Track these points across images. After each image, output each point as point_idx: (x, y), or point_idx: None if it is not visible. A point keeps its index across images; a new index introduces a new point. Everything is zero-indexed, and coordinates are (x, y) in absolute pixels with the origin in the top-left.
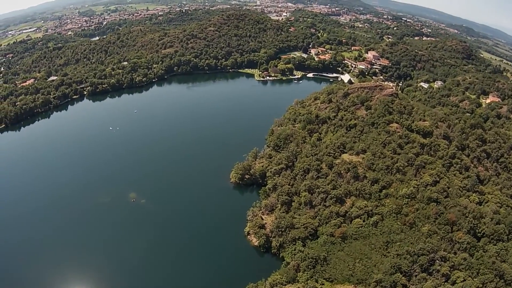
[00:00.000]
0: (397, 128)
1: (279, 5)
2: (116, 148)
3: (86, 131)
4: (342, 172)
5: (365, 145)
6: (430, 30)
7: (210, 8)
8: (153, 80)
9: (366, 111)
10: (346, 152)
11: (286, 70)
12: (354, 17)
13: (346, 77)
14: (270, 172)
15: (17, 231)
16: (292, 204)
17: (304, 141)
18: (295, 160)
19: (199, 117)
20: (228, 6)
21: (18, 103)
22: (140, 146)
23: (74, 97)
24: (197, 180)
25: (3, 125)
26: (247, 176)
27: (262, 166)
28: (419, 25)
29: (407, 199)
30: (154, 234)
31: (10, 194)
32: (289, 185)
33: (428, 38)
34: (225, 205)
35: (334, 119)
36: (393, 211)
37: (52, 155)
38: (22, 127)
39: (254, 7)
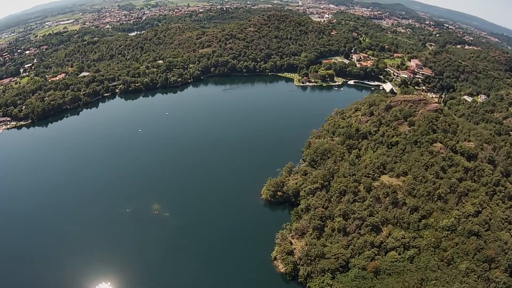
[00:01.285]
0: (441, 148)
1: (321, 6)
2: (143, 152)
3: (115, 132)
4: (380, 196)
5: (407, 166)
6: (471, 38)
7: (252, 7)
8: (189, 81)
9: (409, 127)
10: (386, 173)
11: (326, 76)
12: (396, 21)
13: (388, 86)
14: (304, 191)
15: (26, 228)
16: (325, 229)
17: (342, 158)
18: (331, 179)
19: (234, 123)
20: (270, 6)
21: (46, 98)
22: (168, 152)
23: (106, 95)
24: (226, 194)
25: (30, 121)
26: (279, 193)
27: (296, 184)
28: (461, 32)
29: (447, 232)
30: (175, 250)
31: (25, 192)
32: (323, 207)
33: (470, 47)
34: (254, 224)
35: (375, 135)
36: (432, 244)
37: (77, 155)
38: (49, 123)
39: (296, 8)
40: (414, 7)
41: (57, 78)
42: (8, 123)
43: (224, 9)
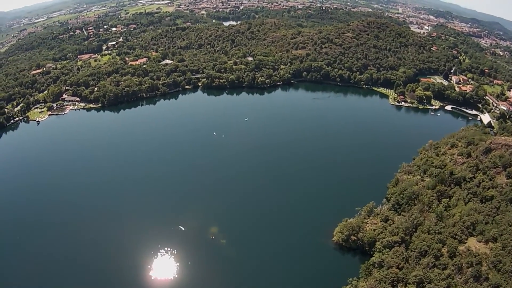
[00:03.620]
0: None
1: (421, 17)
2: (212, 161)
3: (188, 130)
4: (463, 265)
5: (498, 230)
6: None
7: (352, 9)
8: (278, 83)
9: (507, 179)
10: (475, 236)
11: (424, 97)
12: (494, 42)
13: (486, 118)
14: (381, 242)
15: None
16: None
17: (430, 207)
18: (414, 231)
19: (318, 141)
20: (370, 10)
21: (122, 83)
22: (238, 166)
23: (187, 87)
24: (293, 228)
25: (100, 104)
26: (353, 238)
27: (374, 231)
28: None
29: None
30: (223, 283)
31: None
32: (397, 267)
33: None
34: (317, 270)
35: (469, 182)
36: None
37: (144, 149)
38: (121, 109)
39: (396, 15)
40: (511, 27)
41: (137, 63)
42: (77, 103)
43: (324, 8)
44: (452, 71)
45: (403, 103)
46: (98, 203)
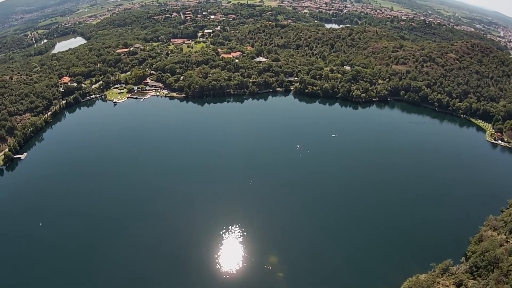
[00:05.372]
0: None
1: None
2: (288, 178)
3: (271, 136)
4: None
5: None
6: None
7: (454, 26)
8: (373, 99)
9: None
10: None
11: None
12: None
13: None
14: None
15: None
16: None
17: (507, 276)
18: None
19: (403, 173)
20: (472, 30)
21: (210, 76)
22: (315, 190)
23: (278, 89)
24: (356, 274)
25: (183, 95)
26: None
27: None
28: None
29: None
30: None
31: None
32: None
33: None
34: None
35: None
36: None
37: (218, 146)
38: (206, 103)
39: (498, 39)
40: None
41: (229, 56)
42: (160, 90)
43: (427, 22)
44: None
45: (499, 141)
46: (160, 186)
